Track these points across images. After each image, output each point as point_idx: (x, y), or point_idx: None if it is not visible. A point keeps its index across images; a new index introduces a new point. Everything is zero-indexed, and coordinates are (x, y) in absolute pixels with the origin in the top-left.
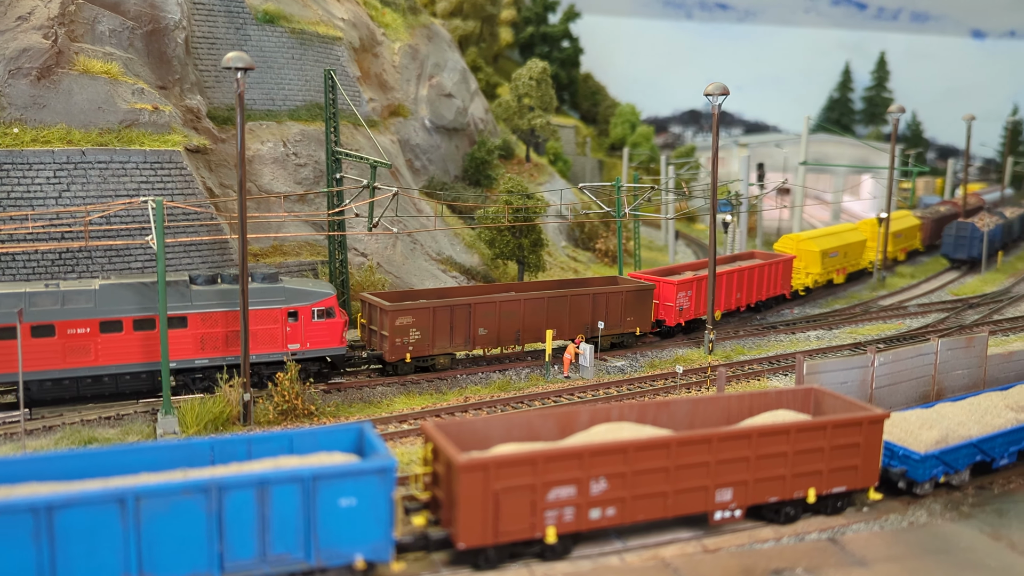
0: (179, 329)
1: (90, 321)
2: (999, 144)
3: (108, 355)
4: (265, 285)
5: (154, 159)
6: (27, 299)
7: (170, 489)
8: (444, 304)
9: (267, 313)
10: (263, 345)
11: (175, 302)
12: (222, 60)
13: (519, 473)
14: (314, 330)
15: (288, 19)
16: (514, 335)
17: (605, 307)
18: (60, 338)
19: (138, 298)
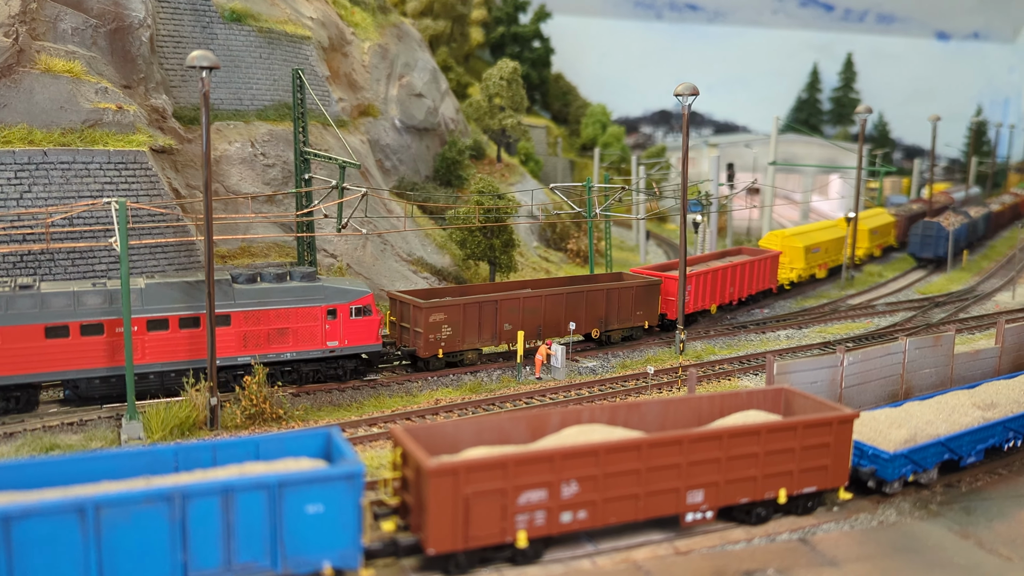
0: (223, 327)
1: (138, 319)
2: (963, 144)
3: (155, 353)
4: (306, 284)
5: (118, 159)
6: (76, 298)
7: (131, 498)
8: (473, 301)
9: (307, 311)
10: (303, 343)
11: (219, 300)
12: (187, 59)
13: (489, 477)
14: (352, 327)
15: (256, 18)
16: (535, 330)
17: (617, 302)
18: (108, 336)
19: (183, 296)
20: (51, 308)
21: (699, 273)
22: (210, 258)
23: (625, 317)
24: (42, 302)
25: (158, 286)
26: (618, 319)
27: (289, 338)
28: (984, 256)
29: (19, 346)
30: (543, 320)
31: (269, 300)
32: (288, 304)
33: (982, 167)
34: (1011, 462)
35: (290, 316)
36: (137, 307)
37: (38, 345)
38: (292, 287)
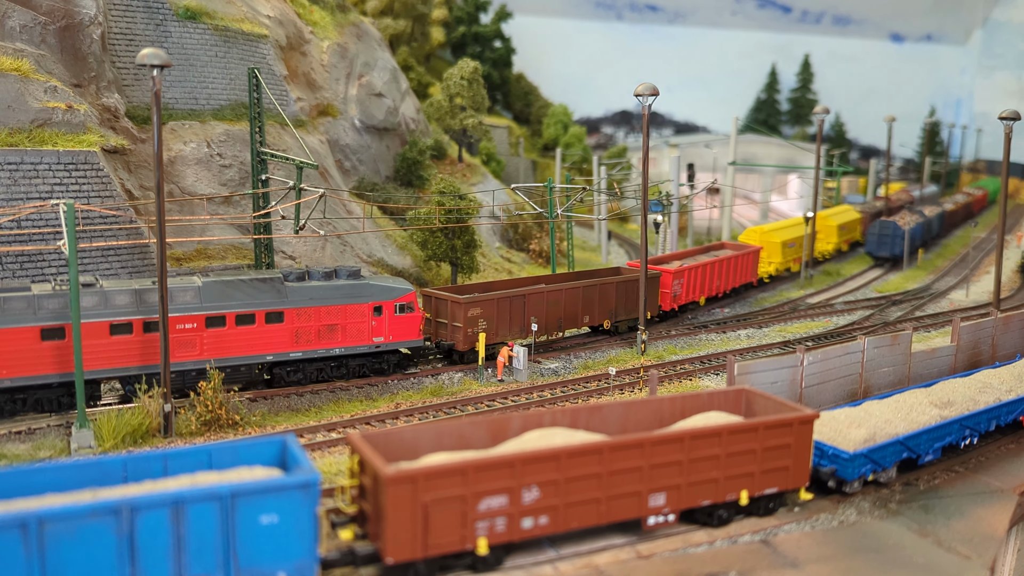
0: (276, 324)
1: (197, 316)
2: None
3: (212, 349)
4: (353, 282)
5: (68, 160)
6: (138, 296)
7: (76, 512)
8: (505, 295)
9: (356, 308)
10: (352, 339)
11: (272, 298)
12: (137, 57)
13: (449, 484)
14: (396, 324)
15: (211, 15)
16: (556, 322)
17: (625, 294)
18: (170, 333)
19: (238, 294)
20: (115, 305)
21: (690, 267)
22: (162, 261)
23: (631, 308)
24: (105, 299)
25: (214, 284)
26: (625, 310)
27: (338, 334)
28: (938, 255)
29: (85, 343)
30: (563, 312)
31: (320, 298)
32: (337, 302)
33: (935, 167)
34: (967, 460)
35: (339, 313)
36: (195, 304)
37: (103, 342)
38: (341, 285)
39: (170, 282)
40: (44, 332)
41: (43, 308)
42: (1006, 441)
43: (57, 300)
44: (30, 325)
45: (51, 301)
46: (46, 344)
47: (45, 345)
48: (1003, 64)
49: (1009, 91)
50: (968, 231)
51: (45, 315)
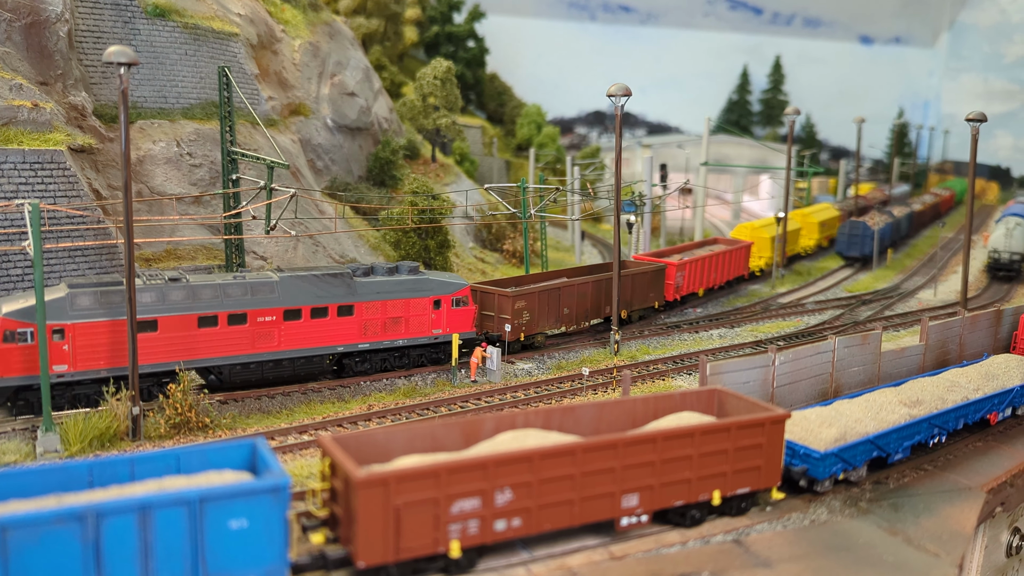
0: (347, 317)
1: (276, 309)
2: (886, 146)
3: (289, 340)
4: (415, 277)
5: (34, 159)
6: (222, 290)
7: (40, 518)
8: (544, 288)
9: (418, 302)
10: (414, 330)
11: (343, 293)
12: (104, 54)
13: (421, 487)
14: (453, 316)
15: (180, 13)
16: (584, 313)
17: (641, 285)
18: (251, 325)
19: (313, 288)
20: (202, 299)
21: (690, 261)
22: (130, 262)
23: (643, 299)
24: (193, 293)
25: (290, 279)
26: (638, 300)
27: (402, 326)
28: (907, 254)
29: (175, 335)
30: (589, 304)
31: (386, 292)
32: (401, 296)
33: (904, 168)
34: (936, 458)
35: (403, 307)
36: (274, 298)
37: (191, 334)
38: (404, 280)
39: (250, 277)
40: (138, 324)
41: (137, 302)
42: (974, 439)
43: (148, 294)
44: (125, 318)
45: (143, 295)
46: (140, 335)
47: (138, 336)
48: (970, 66)
49: (975, 93)
50: (936, 231)
51: (139, 308)
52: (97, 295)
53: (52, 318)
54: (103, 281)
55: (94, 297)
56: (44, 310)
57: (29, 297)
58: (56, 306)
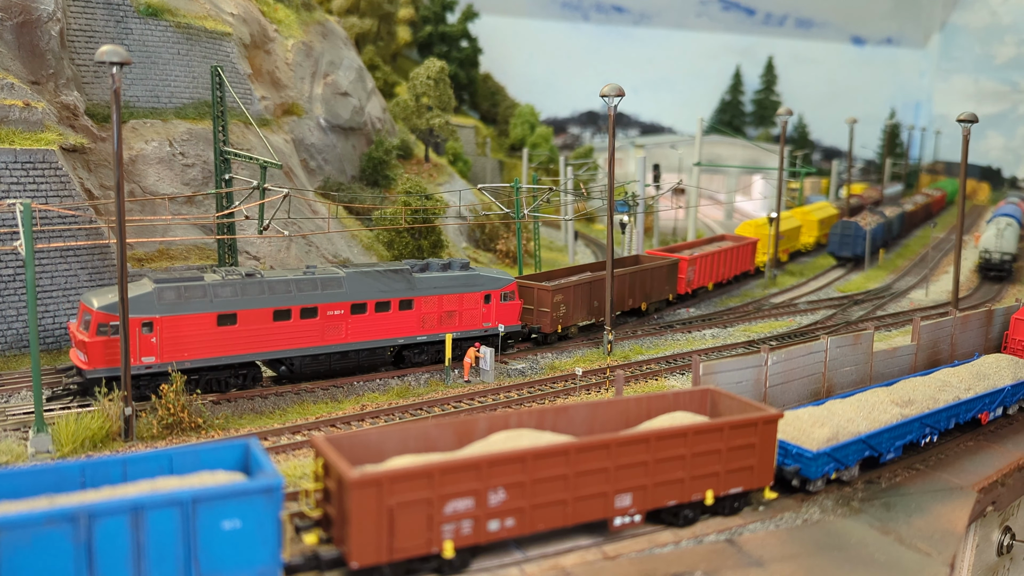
0: (407, 311)
1: (343, 304)
2: (878, 146)
3: (355, 333)
4: (468, 273)
5: (25, 159)
6: (294, 285)
7: (31, 520)
8: (579, 283)
9: (471, 296)
10: (466, 323)
11: (403, 288)
12: (96, 54)
13: (414, 487)
14: (501, 310)
15: (173, 13)
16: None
17: (657, 279)
18: (321, 319)
19: (376, 283)
20: (276, 294)
21: (702, 256)
22: (123, 262)
23: (659, 291)
24: (269, 288)
25: (356, 275)
26: (656, 293)
27: (456, 319)
28: (899, 255)
29: (253, 327)
30: (616, 297)
31: (442, 287)
32: (455, 290)
33: (896, 168)
34: (927, 457)
35: (457, 301)
36: (342, 293)
37: (267, 327)
38: (458, 275)
39: (319, 272)
40: (220, 318)
41: (218, 296)
42: (965, 439)
43: (228, 288)
44: (208, 312)
45: (224, 289)
46: (221, 328)
47: (220, 329)
48: (961, 67)
49: (967, 94)
50: (927, 231)
51: (220, 303)
52: (181, 290)
53: (141, 312)
54: (184, 276)
55: (178, 292)
56: (35, 310)
57: (116, 292)
58: (145, 300)
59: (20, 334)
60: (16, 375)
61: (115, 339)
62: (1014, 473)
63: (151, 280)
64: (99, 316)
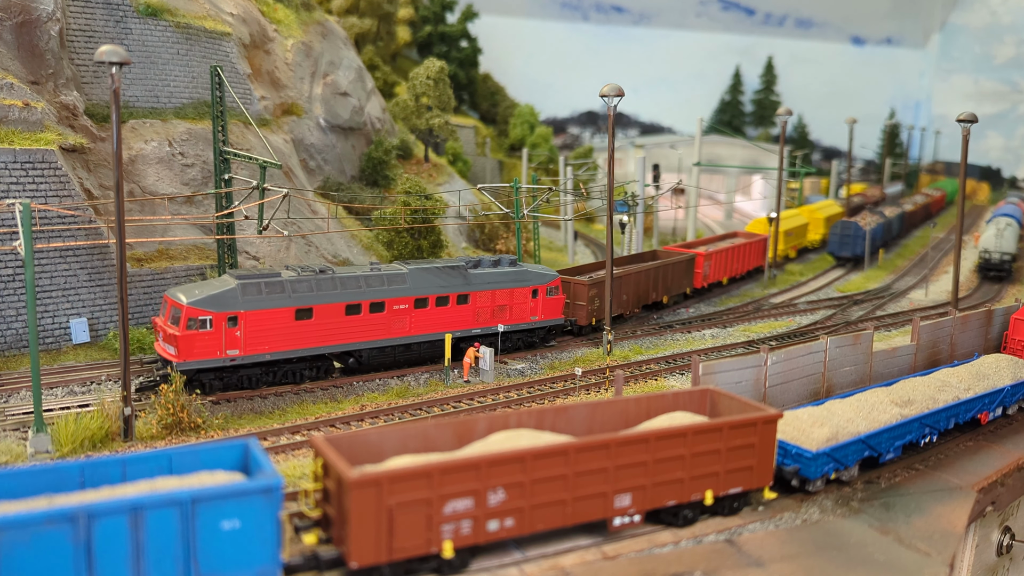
0: (463, 305)
1: (407, 298)
2: (878, 146)
3: (417, 326)
4: (517, 269)
5: (25, 159)
6: (364, 281)
7: (31, 519)
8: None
9: (520, 291)
10: (516, 317)
11: (460, 283)
12: (95, 54)
13: (414, 487)
14: (547, 304)
15: (172, 12)
16: (636, 299)
17: (676, 273)
18: (387, 313)
19: (436, 279)
20: (348, 289)
21: (717, 251)
22: (122, 262)
23: (678, 285)
24: (341, 284)
25: (417, 271)
26: (675, 287)
27: (507, 313)
28: (898, 255)
29: (328, 321)
30: (640, 291)
31: (494, 282)
32: (506, 286)
33: (896, 168)
34: (927, 457)
35: (508, 295)
36: (406, 288)
37: (339, 321)
38: (508, 271)
39: (384, 268)
40: (297, 312)
41: (296, 291)
42: (964, 439)
43: (304, 284)
44: (287, 306)
45: (300, 285)
46: (298, 322)
47: (297, 323)
48: (960, 67)
49: (966, 94)
50: (927, 231)
51: (298, 298)
52: (261, 286)
53: (226, 307)
54: (262, 272)
55: (259, 287)
56: (35, 308)
57: (203, 287)
58: (229, 296)
59: (20, 334)
60: (16, 375)
61: (204, 332)
62: (1013, 473)
63: (233, 277)
64: (189, 311)
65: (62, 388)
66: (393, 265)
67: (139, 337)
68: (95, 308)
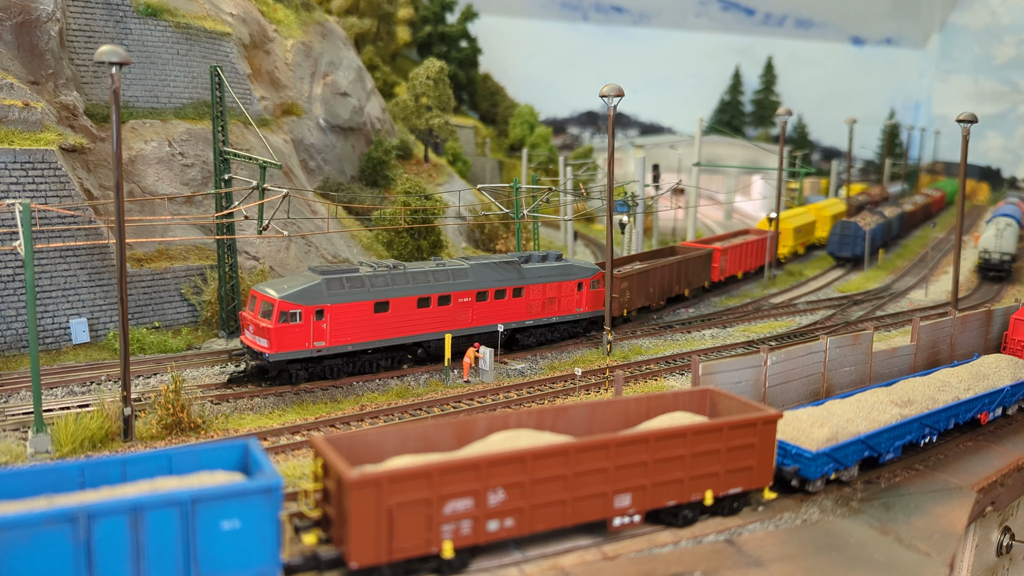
0: (519, 298)
1: (470, 292)
2: (878, 146)
3: (478, 318)
4: (563, 263)
5: (25, 159)
6: (432, 276)
7: (31, 520)
8: (640, 271)
9: (568, 284)
10: (564, 309)
11: (515, 277)
12: (95, 54)
13: (414, 487)
14: (590, 297)
15: (172, 13)
16: (661, 291)
17: (695, 268)
18: (453, 306)
19: (495, 274)
20: (419, 283)
21: (732, 247)
22: (122, 262)
23: (697, 279)
24: (413, 278)
25: (478, 266)
26: (695, 281)
27: (555, 305)
28: (898, 255)
29: (402, 314)
30: (665, 284)
31: (545, 276)
32: (556, 279)
33: (895, 168)
34: (927, 457)
35: (557, 289)
36: (468, 282)
37: (411, 313)
38: (556, 266)
39: (450, 264)
40: (376, 305)
41: (375, 286)
42: (964, 439)
43: (380, 279)
44: (367, 300)
45: (378, 280)
46: (376, 315)
47: (375, 316)
48: (960, 68)
49: (966, 94)
50: (927, 232)
51: (376, 292)
52: (344, 281)
53: (314, 301)
54: (341, 268)
55: (342, 283)
56: (34, 306)
57: (289, 283)
58: (316, 291)
59: (20, 334)
60: (15, 375)
61: (294, 325)
62: (1013, 473)
63: (317, 273)
64: (282, 305)
65: (62, 388)
66: (455, 260)
67: (139, 337)
68: (95, 308)
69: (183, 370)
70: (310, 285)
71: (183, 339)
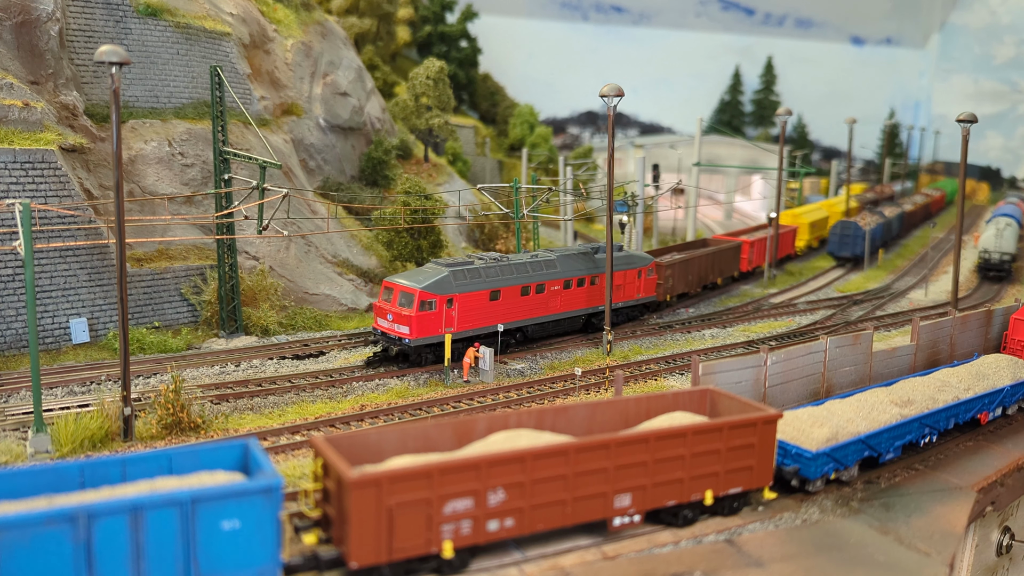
0: (594, 286)
1: (559, 280)
2: (877, 146)
3: (564, 305)
4: (625, 254)
5: (24, 159)
6: (530, 267)
7: (31, 520)
8: (681, 260)
9: (631, 272)
10: (628, 295)
11: (592, 267)
12: (95, 54)
13: (414, 487)
14: (646, 284)
15: (172, 12)
16: (699, 279)
17: (727, 259)
18: (546, 294)
19: (576, 264)
20: (520, 274)
21: (757, 239)
22: (122, 262)
23: (728, 269)
24: (516, 269)
25: (563, 257)
26: (727, 270)
27: (621, 292)
28: (898, 255)
29: (509, 302)
30: (703, 272)
31: (615, 266)
32: (622, 268)
33: (895, 168)
34: (927, 457)
35: (623, 277)
36: (557, 272)
37: (516, 300)
38: (622, 255)
39: (541, 255)
40: (491, 294)
41: (489, 276)
42: (964, 439)
43: (492, 270)
44: (485, 289)
45: (489, 271)
46: (491, 303)
47: (490, 304)
48: (960, 67)
49: (966, 94)
50: (927, 231)
51: (491, 282)
52: (465, 272)
53: (445, 291)
54: (460, 260)
55: (465, 274)
56: (34, 305)
57: (420, 275)
58: (445, 282)
59: (20, 334)
60: (16, 375)
61: (431, 312)
62: (1013, 473)
63: (441, 265)
64: (422, 294)
65: (62, 388)
66: (543, 252)
67: (139, 337)
68: (95, 308)
69: (183, 370)
70: (440, 277)
71: (183, 339)
